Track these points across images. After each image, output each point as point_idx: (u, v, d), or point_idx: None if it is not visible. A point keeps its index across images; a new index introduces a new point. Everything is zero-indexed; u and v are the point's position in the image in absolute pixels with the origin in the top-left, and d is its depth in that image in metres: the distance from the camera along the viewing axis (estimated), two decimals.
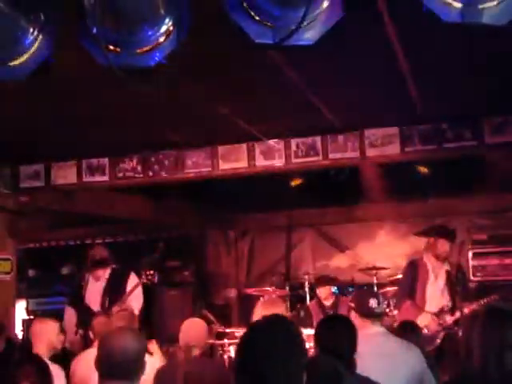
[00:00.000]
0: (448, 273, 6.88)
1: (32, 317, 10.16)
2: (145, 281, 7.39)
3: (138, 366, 3.32)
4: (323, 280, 8.75)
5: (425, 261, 7.03)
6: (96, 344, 4.87)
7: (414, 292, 6.95)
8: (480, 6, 2.32)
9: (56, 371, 5.07)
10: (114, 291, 7.19)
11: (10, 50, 2.69)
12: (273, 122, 6.47)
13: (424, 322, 6.62)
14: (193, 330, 5.36)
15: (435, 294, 6.91)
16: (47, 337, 5.29)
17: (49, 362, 5.08)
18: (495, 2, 2.34)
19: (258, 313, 5.15)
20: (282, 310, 5.25)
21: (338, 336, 3.86)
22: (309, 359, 2.32)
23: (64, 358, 5.80)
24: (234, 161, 7.07)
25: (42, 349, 5.18)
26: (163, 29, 2.59)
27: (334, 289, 8.76)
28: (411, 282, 7.02)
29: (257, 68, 4.77)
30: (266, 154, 7.00)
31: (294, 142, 6.93)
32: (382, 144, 6.67)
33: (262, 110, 6.04)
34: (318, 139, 6.87)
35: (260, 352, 2.20)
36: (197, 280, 10.70)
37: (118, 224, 10.57)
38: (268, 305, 5.25)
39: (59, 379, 4.99)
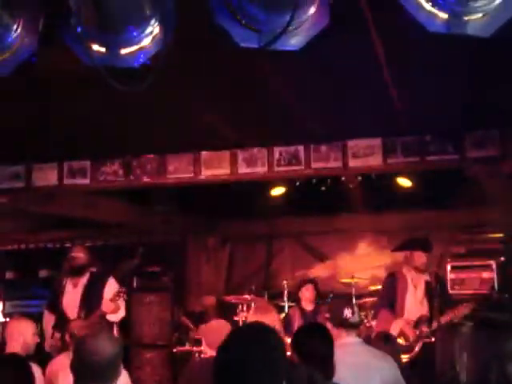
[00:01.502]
0: (427, 283, 6.92)
1: (8, 319, 10.07)
2: (116, 298, 7.15)
3: (113, 370, 3.31)
4: (306, 281, 8.75)
5: (404, 273, 7.07)
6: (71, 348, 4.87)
7: (393, 303, 6.99)
8: (465, 18, 2.34)
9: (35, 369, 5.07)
10: (92, 297, 7.07)
11: None
12: (256, 129, 6.47)
13: (398, 327, 6.66)
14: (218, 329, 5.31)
15: (414, 304, 6.95)
16: (23, 337, 5.26)
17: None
18: (480, 14, 2.36)
19: (252, 318, 5.13)
20: (274, 316, 5.24)
21: (316, 344, 3.87)
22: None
23: (42, 361, 5.75)
24: (216, 167, 7.06)
25: (16, 348, 5.14)
26: (148, 30, 2.58)
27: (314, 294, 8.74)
28: (390, 293, 7.07)
29: (242, 76, 4.77)
30: (248, 161, 6.99)
31: (277, 150, 6.93)
32: (365, 155, 6.68)
33: (246, 118, 6.04)
34: (301, 148, 6.88)
35: (237, 366, 2.18)
36: (176, 286, 10.65)
37: (98, 228, 10.52)
38: (260, 311, 5.24)
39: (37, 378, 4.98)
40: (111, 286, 7.19)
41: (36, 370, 5.10)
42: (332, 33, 2.77)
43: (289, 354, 4.83)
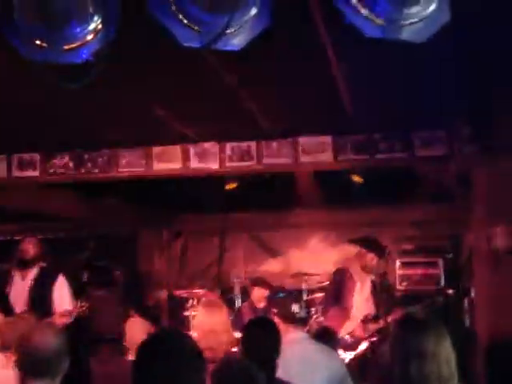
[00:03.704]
0: (373, 282, 7.00)
1: None
2: (80, 311, 7.03)
3: (59, 363, 3.30)
4: (259, 281, 8.82)
5: (351, 270, 7.13)
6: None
7: (340, 299, 7.03)
8: (401, 24, 2.40)
9: None
10: (40, 293, 6.96)
11: None
12: (208, 125, 6.48)
13: (349, 328, 6.72)
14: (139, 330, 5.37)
15: (361, 302, 7.02)
16: None
17: None
18: (416, 19, 2.42)
19: (200, 314, 5.12)
20: (223, 311, 5.25)
21: (262, 339, 3.89)
22: (223, 362, 2.33)
23: None
24: (168, 161, 7.06)
25: None
26: (92, 26, 2.57)
27: (266, 293, 8.81)
28: (338, 289, 7.12)
29: (192, 71, 4.76)
30: (200, 156, 7.00)
31: (229, 146, 6.96)
32: (316, 151, 6.76)
33: (198, 113, 6.04)
34: (253, 144, 6.92)
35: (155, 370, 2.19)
36: (127, 280, 10.61)
37: (49, 221, 10.40)
38: (209, 306, 5.24)
39: None
40: (61, 286, 7.05)
41: None
42: (278, 26, 2.79)
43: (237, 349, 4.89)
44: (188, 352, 2.23)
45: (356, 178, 8.75)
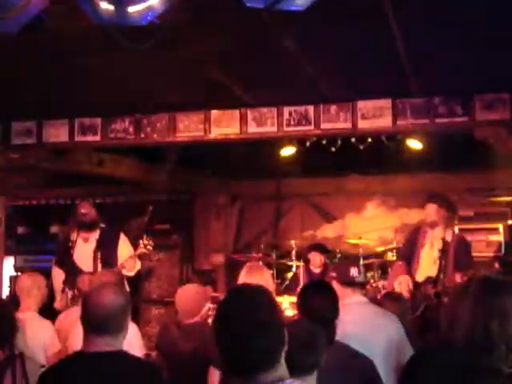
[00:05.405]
0: (445, 243, 6.82)
1: (19, 273, 10.20)
2: (144, 250, 7.28)
3: (122, 321, 3.36)
4: (316, 246, 8.84)
5: (424, 228, 7.03)
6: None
7: (410, 257, 6.98)
8: None
9: (46, 326, 5.23)
10: (106, 252, 7.15)
11: (1, 3, 2.68)
12: (267, 89, 6.47)
13: (402, 284, 6.67)
14: (188, 296, 5.43)
15: (427, 262, 6.91)
16: (38, 291, 5.40)
17: (38, 317, 5.26)
18: None
19: (243, 278, 5.19)
20: (267, 275, 5.30)
21: (320, 302, 3.89)
22: (287, 323, 2.34)
23: (52, 316, 5.86)
24: (226, 126, 7.08)
25: (31, 303, 5.31)
26: None
27: (323, 258, 8.83)
28: (409, 246, 7.09)
29: (255, 35, 4.76)
30: (258, 120, 7.00)
31: (286, 110, 6.93)
32: (374, 116, 6.68)
33: (258, 77, 6.04)
34: (311, 108, 6.88)
35: (237, 323, 2.20)
36: (185, 244, 10.75)
37: (109, 185, 10.58)
38: (253, 270, 5.30)
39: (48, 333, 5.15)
40: (123, 241, 7.27)
41: (49, 326, 5.26)
42: None
43: (295, 312, 4.93)
44: (268, 304, 2.26)
45: (415, 144, 8.62)
